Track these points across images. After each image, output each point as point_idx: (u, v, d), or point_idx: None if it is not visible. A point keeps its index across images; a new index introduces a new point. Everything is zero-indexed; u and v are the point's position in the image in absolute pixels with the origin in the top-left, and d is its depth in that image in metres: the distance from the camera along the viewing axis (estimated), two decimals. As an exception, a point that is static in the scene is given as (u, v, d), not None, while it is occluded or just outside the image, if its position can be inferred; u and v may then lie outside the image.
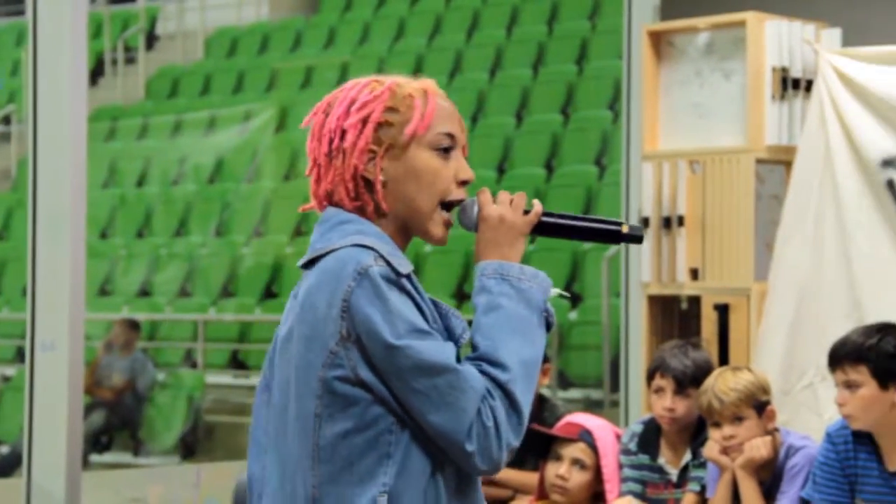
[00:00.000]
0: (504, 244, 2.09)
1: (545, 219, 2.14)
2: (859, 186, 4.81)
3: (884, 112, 4.78)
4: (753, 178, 4.98)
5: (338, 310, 2.03)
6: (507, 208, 2.10)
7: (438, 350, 2.04)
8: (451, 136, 2.13)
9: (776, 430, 4.19)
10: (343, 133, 2.13)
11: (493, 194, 2.16)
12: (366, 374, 2.03)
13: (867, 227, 4.78)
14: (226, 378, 10.19)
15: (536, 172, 10.42)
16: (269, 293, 10.70)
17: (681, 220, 5.06)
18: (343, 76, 12.33)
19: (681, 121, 5.10)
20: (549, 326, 2.09)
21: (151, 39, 14.00)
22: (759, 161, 5.00)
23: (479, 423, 2.01)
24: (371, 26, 12.80)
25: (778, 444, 4.18)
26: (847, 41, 5.07)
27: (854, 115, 4.82)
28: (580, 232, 2.14)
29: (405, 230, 2.16)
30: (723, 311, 4.95)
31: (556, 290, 2.14)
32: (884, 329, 3.95)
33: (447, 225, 2.14)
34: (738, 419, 4.13)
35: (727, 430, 4.13)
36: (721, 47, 5.12)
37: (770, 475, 4.17)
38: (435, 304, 2.12)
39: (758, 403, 4.16)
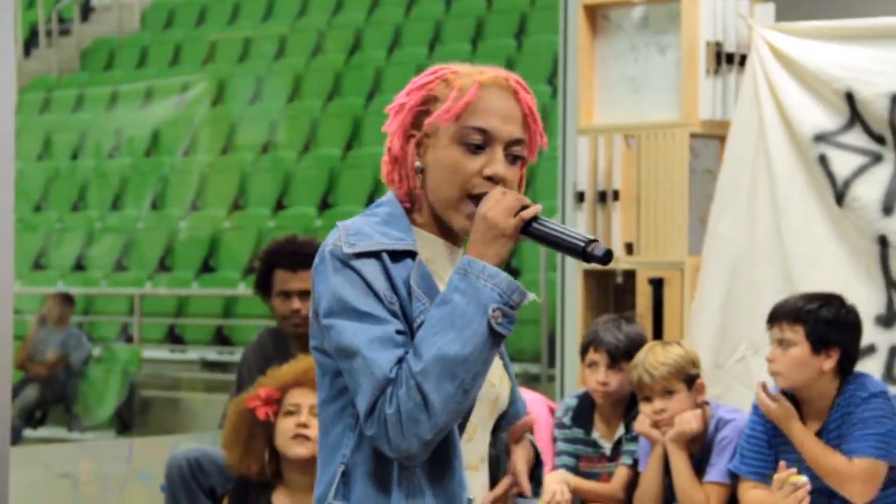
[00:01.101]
0: (481, 242, 2.07)
1: (536, 225, 2.09)
2: (792, 161, 4.83)
3: (816, 87, 4.80)
4: (688, 153, 4.99)
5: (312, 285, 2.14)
6: (494, 207, 2.08)
7: (357, 332, 2.05)
8: (482, 130, 2.12)
9: (706, 403, 4.23)
10: (392, 115, 2.20)
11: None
12: (327, 345, 2.11)
13: (800, 201, 4.81)
14: (162, 353, 10.12)
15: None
16: (207, 267, 10.63)
17: (616, 195, 5.07)
18: (281, 49, 12.25)
19: (616, 95, 5.10)
20: (495, 333, 2.04)
21: (87, 10, 13.82)
22: (694, 135, 5.02)
23: (380, 409, 2.03)
24: (310, -1, 12.72)
25: (708, 418, 4.21)
26: (781, 16, 5.09)
27: (787, 90, 4.84)
28: (560, 245, 2.09)
29: (440, 216, 2.18)
30: (657, 285, 4.96)
31: (531, 296, 2.12)
32: (826, 298, 4.02)
33: (470, 217, 2.13)
34: (668, 393, 4.16)
35: (658, 403, 4.16)
36: (656, 21, 5.12)
37: (700, 448, 4.21)
38: (413, 286, 2.10)
39: (688, 377, 4.19)
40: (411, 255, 2.13)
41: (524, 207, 2.08)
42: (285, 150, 11.25)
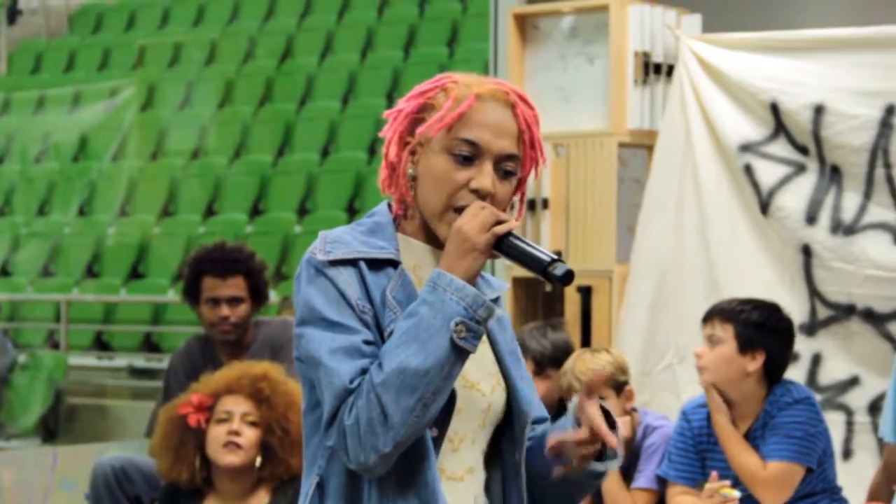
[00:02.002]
0: (454, 255, 2.05)
1: (508, 241, 2.06)
2: (718, 171, 4.88)
3: (742, 98, 4.86)
4: (616, 162, 5.03)
5: None
6: (469, 221, 2.05)
7: (322, 341, 2.04)
8: (472, 143, 2.09)
9: (634, 410, 4.25)
10: (390, 121, 2.17)
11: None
12: (301, 354, 2.11)
13: (725, 211, 4.86)
14: (89, 360, 10.02)
15: (406, 154, 10.41)
16: (136, 274, 10.54)
17: (545, 203, 5.10)
18: (212, 55, 12.19)
19: (545, 104, 5.12)
20: (458, 348, 2.00)
21: (13, 13, 13.67)
22: (622, 145, 5.06)
23: (340, 420, 2.01)
24: (241, 4, 12.66)
25: (636, 424, 4.24)
26: (707, 27, 5.14)
27: (713, 100, 4.90)
28: (526, 263, 2.07)
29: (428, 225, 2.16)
30: (585, 292, 4.99)
31: (500, 311, 2.11)
32: (763, 304, 4.09)
33: None
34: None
35: (587, 410, 4.19)
36: (585, 31, 5.16)
37: (628, 454, 4.23)
38: (388, 296, 2.08)
39: (616, 384, 4.21)
40: (393, 264, 2.12)
41: (499, 223, 2.06)
42: (216, 155, 11.19)
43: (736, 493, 3.80)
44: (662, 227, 4.93)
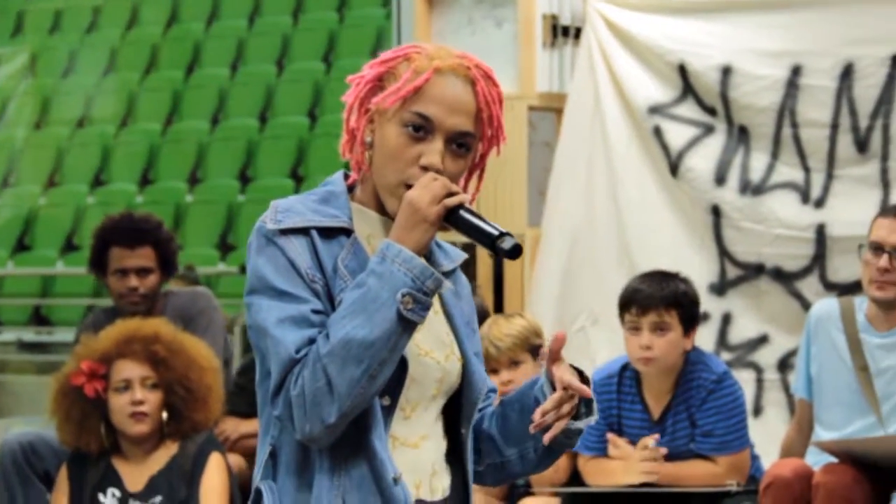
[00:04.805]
0: (403, 227, 2.02)
1: (459, 213, 2.04)
2: (628, 133, 4.91)
3: (649, 60, 4.88)
4: (526, 126, 5.02)
5: None
6: (419, 193, 2.02)
7: (270, 311, 2.02)
8: (424, 117, 2.05)
9: (552, 372, 4.26)
10: (352, 86, 2.13)
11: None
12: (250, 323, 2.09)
13: (635, 173, 4.89)
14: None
15: (299, 121, 10.32)
16: (22, 246, 10.31)
17: (454, 167, 5.07)
18: (94, 21, 11.93)
19: (453, 68, 5.09)
20: (405, 319, 1.98)
21: None
22: (531, 108, 5.05)
23: (286, 390, 2.00)
24: (123, -30, 12.41)
25: (554, 387, 4.25)
26: (614, -11, 5.15)
27: (621, 62, 4.91)
28: (475, 236, 2.05)
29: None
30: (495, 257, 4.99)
31: (448, 283, 2.08)
32: (678, 277, 4.02)
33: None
34: (514, 364, 4.18)
35: (504, 375, 4.18)
36: (492, -6, 5.15)
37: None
38: (340, 265, 2.05)
39: (532, 347, 4.22)
40: (346, 233, 2.09)
41: (451, 195, 2.03)
42: (103, 124, 10.97)
43: (663, 450, 3.86)
44: (573, 191, 4.95)
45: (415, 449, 2.10)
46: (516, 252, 2.04)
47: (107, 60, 11.47)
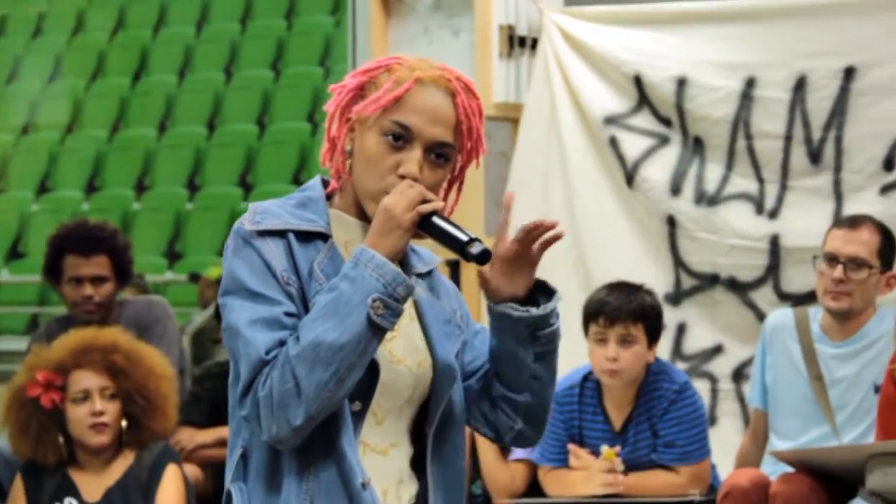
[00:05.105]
0: (378, 232, 2.04)
1: (433, 220, 2.06)
2: (584, 143, 4.92)
3: (606, 71, 4.90)
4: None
5: None
6: (394, 200, 2.04)
7: (242, 312, 2.04)
8: (404, 127, 2.07)
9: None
10: (334, 95, 2.15)
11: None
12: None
13: (591, 183, 4.90)
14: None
15: (247, 129, 10.28)
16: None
17: (410, 177, 5.06)
18: (39, 26, 11.84)
19: (409, 77, 5.09)
20: (375, 324, 2.00)
21: None
22: (488, 118, 5.00)
23: (254, 391, 2.01)
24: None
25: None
26: (570, 0, 5.17)
27: (577, 73, 4.93)
28: (447, 242, 2.07)
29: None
30: (454, 266, 4.99)
31: (419, 291, 2.11)
32: (642, 289, 4.05)
33: None
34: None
35: (461, 384, 4.18)
36: (449, 4, 5.15)
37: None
38: (316, 268, 2.07)
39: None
40: (323, 237, 2.10)
41: (426, 202, 2.05)
42: (48, 131, 10.88)
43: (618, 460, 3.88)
44: (529, 201, 4.94)
45: (384, 456, 2.12)
46: (485, 257, 2.07)
47: (52, 66, 11.38)
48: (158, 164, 10.27)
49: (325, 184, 2.18)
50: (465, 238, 2.07)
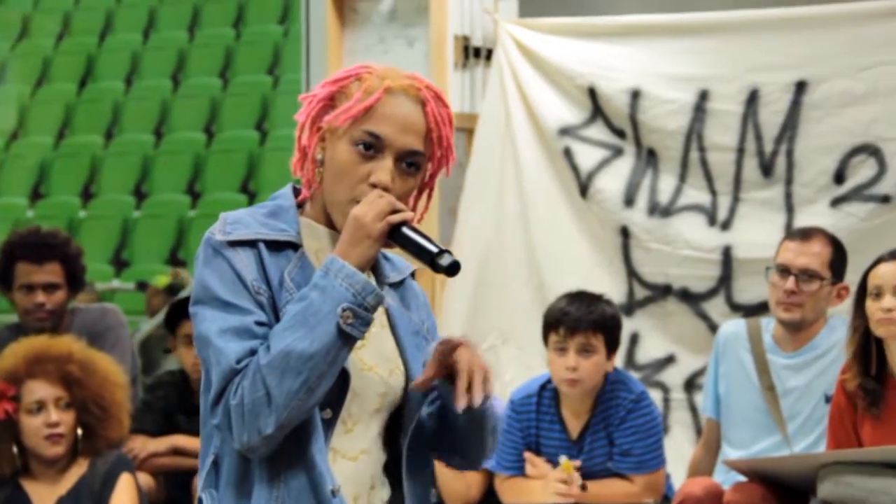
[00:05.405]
0: (348, 242, 2.05)
1: (402, 231, 2.06)
2: (538, 154, 4.95)
3: (560, 82, 4.93)
4: (437, 145, 5.03)
5: None
6: (364, 209, 2.04)
7: (213, 321, 2.04)
8: (375, 136, 2.07)
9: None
10: (304, 105, 2.16)
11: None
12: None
13: (546, 194, 4.93)
14: None
15: (195, 137, 10.23)
16: None
17: (365, 186, 5.06)
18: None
19: (364, 86, 5.09)
20: (345, 334, 2.01)
21: None
22: (443, 128, 5.06)
23: (225, 400, 2.02)
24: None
25: (467, 406, 4.24)
26: (524, 12, 5.20)
27: (532, 84, 4.96)
28: (416, 253, 2.07)
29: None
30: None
31: (388, 300, 2.12)
32: (601, 299, 4.06)
33: None
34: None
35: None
36: (404, 14, 5.16)
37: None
38: (286, 278, 2.07)
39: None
40: (294, 247, 2.11)
41: (395, 212, 2.06)
42: (-9, 138, 10.79)
43: (575, 470, 3.89)
44: (484, 211, 4.97)
45: (354, 462, 2.13)
46: (454, 269, 2.07)
47: (-4, 74, 11.29)
48: (105, 172, 10.19)
49: (297, 192, 2.18)
50: (434, 249, 2.07)
